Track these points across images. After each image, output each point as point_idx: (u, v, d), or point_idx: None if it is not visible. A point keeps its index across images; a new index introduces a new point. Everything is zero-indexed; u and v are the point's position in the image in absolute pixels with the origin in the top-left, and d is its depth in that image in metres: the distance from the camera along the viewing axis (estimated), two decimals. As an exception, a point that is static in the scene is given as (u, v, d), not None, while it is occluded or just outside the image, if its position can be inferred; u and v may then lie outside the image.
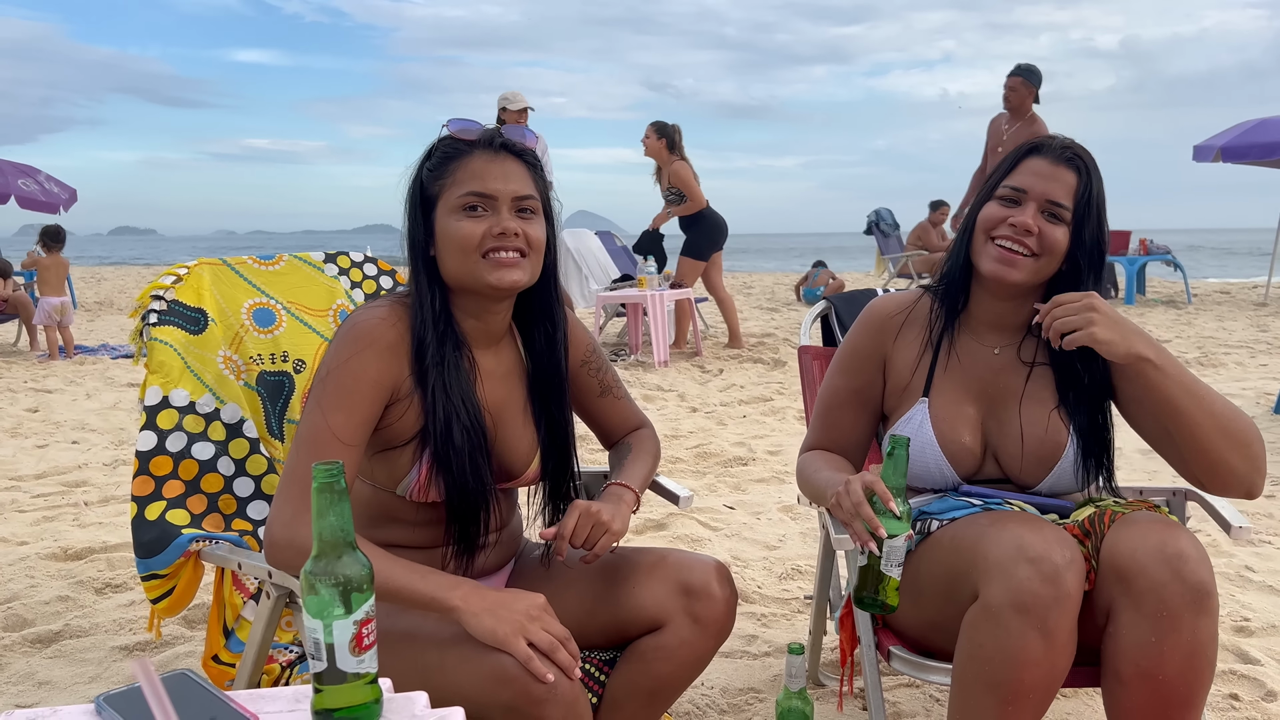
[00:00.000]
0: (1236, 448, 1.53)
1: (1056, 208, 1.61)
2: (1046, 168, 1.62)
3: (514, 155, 1.49)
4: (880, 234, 12.84)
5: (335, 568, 0.96)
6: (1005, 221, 1.62)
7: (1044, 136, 1.68)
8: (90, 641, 2.51)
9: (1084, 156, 1.64)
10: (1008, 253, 1.62)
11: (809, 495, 1.81)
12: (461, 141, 1.48)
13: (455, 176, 1.46)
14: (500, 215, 1.45)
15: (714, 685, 2.26)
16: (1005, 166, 1.68)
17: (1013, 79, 6.71)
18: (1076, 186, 1.62)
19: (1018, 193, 1.63)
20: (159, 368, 1.79)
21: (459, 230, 1.44)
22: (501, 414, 1.56)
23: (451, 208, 1.46)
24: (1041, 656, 1.39)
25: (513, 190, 1.46)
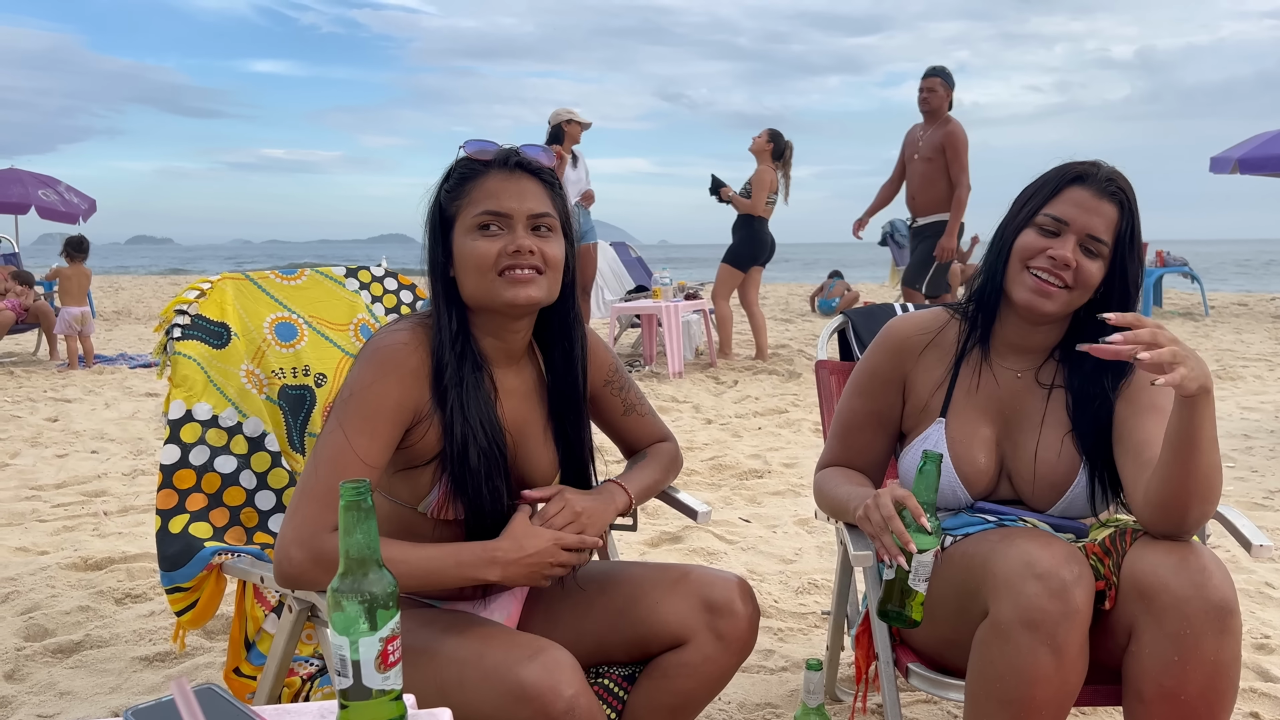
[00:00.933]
0: (1204, 503, 1.47)
1: (1095, 243, 1.59)
2: (1089, 200, 1.59)
3: (530, 174, 1.50)
4: (895, 245, 12.80)
5: (362, 585, 0.97)
6: (1044, 253, 1.59)
7: (1089, 164, 1.62)
8: (111, 652, 2.53)
9: (1126, 189, 1.61)
10: (1043, 284, 1.59)
11: (828, 510, 1.81)
12: (478, 162, 1.49)
13: (471, 196, 1.47)
14: (515, 233, 1.45)
15: (731, 700, 2.26)
16: (1046, 192, 1.63)
17: (930, 79, 6.32)
18: (1118, 221, 1.60)
19: (1058, 224, 1.60)
20: (182, 381, 1.81)
21: (474, 249, 1.45)
22: (522, 432, 1.57)
23: (468, 227, 1.47)
24: (1052, 673, 1.39)
25: (528, 208, 1.47)
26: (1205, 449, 1.45)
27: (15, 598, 2.89)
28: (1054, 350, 1.72)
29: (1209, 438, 1.46)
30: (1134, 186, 1.64)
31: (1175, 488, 1.47)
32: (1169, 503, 1.48)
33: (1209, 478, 1.47)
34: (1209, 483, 1.47)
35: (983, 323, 1.73)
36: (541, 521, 1.50)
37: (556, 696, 1.28)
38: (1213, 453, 1.47)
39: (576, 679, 1.32)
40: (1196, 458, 1.45)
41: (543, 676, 1.29)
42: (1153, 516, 1.51)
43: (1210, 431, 1.46)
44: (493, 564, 1.42)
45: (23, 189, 12.58)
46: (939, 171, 6.19)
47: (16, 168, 13.16)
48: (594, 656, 1.59)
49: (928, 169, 6.25)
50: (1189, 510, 1.47)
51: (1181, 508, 1.47)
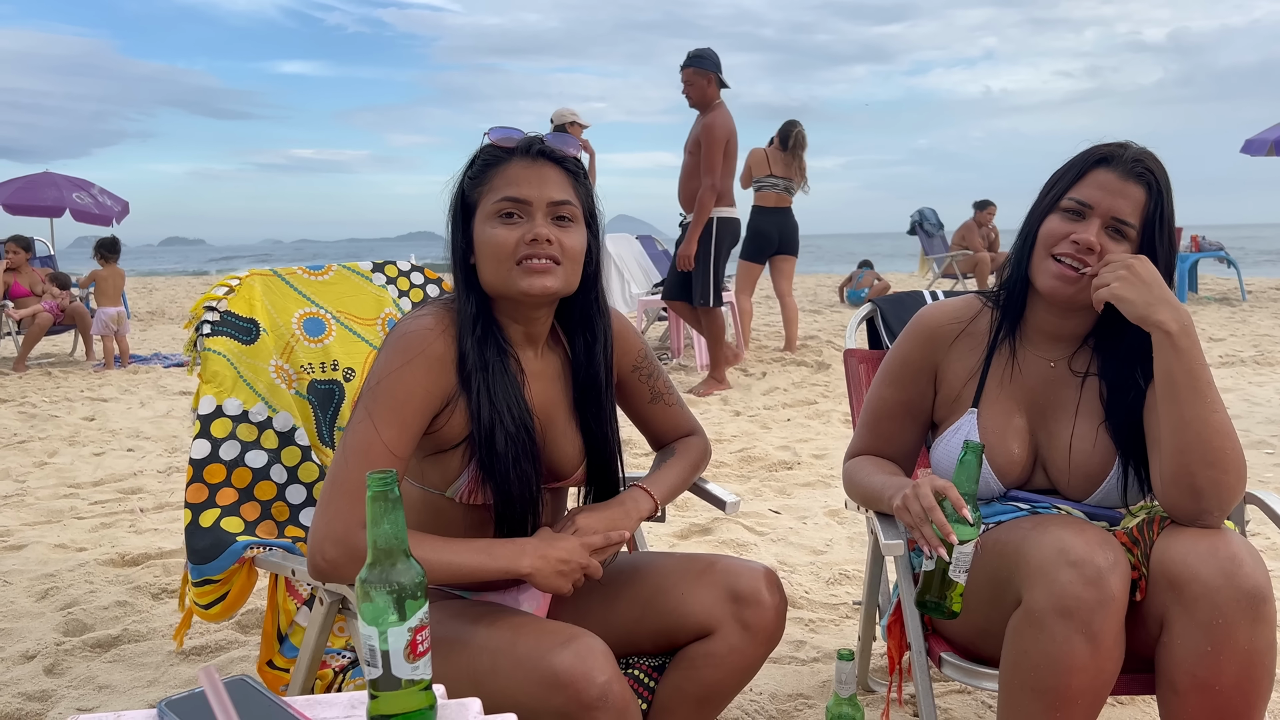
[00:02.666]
0: (1209, 466, 1.45)
1: (1122, 225, 1.55)
2: (1114, 182, 1.56)
3: (554, 162, 1.49)
4: (924, 234, 12.72)
5: (390, 575, 0.98)
6: (1067, 238, 1.57)
7: (1115, 145, 1.59)
8: (148, 646, 2.57)
9: (1154, 170, 1.56)
10: (1066, 269, 1.57)
11: (859, 499, 1.79)
12: (501, 149, 1.49)
13: (493, 184, 1.47)
14: (534, 222, 1.45)
15: (762, 691, 2.26)
16: (1071, 175, 1.60)
17: (685, 71, 5.75)
18: (1145, 203, 1.56)
19: (1082, 206, 1.57)
20: (212, 377, 1.83)
21: (493, 237, 1.45)
22: (549, 415, 1.56)
23: (488, 215, 1.47)
24: (1088, 661, 1.37)
25: (548, 196, 1.46)
26: (1187, 400, 1.46)
27: (55, 594, 2.94)
28: (1087, 338, 1.69)
29: (1189, 387, 1.46)
30: (1167, 170, 1.60)
31: (1174, 450, 1.46)
32: (1177, 474, 1.47)
33: (1207, 439, 1.45)
34: (1209, 444, 1.45)
35: (1013, 311, 1.71)
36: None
37: (589, 683, 1.28)
38: (1200, 407, 1.46)
39: (609, 666, 1.32)
40: (1181, 409, 1.46)
41: (575, 664, 1.29)
42: (1168, 495, 1.50)
43: (1182, 377, 1.46)
44: (524, 555, 1.42)
45: (57, 192, 12.77)
46: (699, 166, 5.71)
47: (51, 171, 13.37)
48: (623, 647, 1.59)
49: (690, 162, 5.81)
50: (1195, 477, 1.45)
51: (1188, 475, 1.45)
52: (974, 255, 11.76)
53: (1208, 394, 1.47)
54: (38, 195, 12.72)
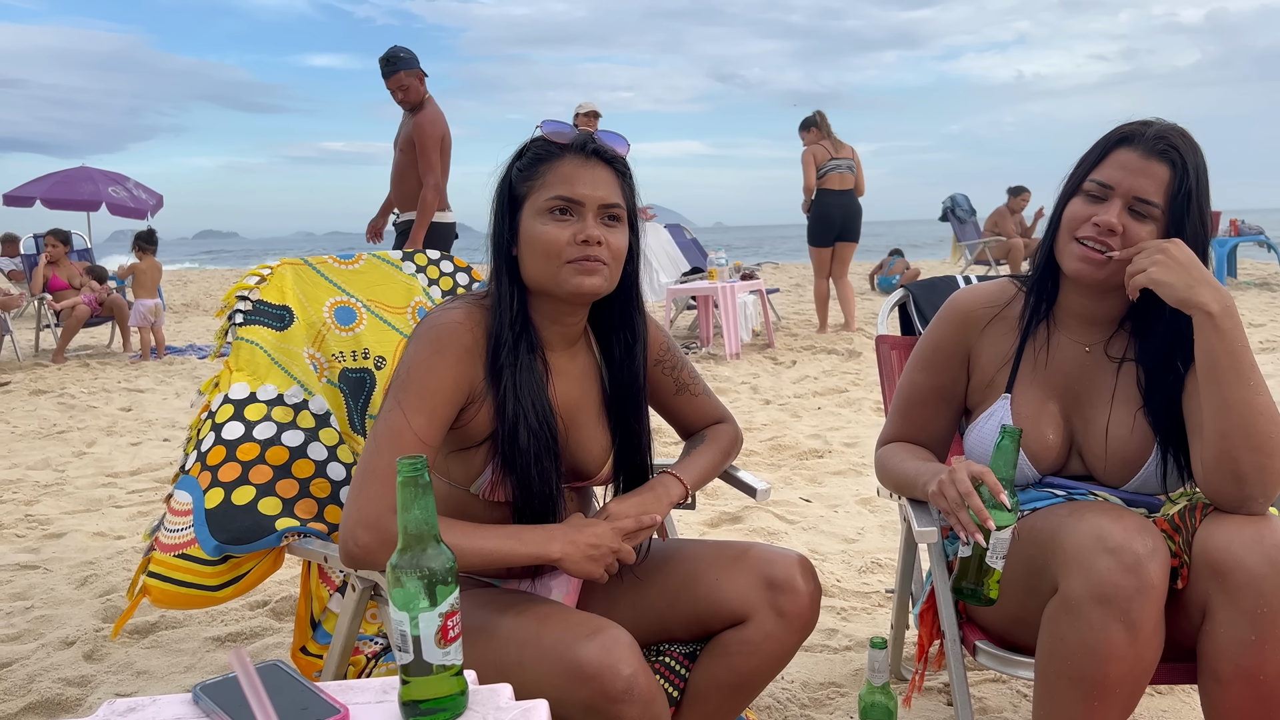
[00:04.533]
0: (1253, 450, 1.42)
1: (1145, 205, 1.52)
2: (1136, 161, 1.52)
3: (605, 162, 1.48)
4: (956, 220, 12.59)
5: (420, 560, 0.98)
6: (1089, 220, 1.54)
7: (1138, 124, 1.55)
8: (185, 632, 2.60)
9: (1179, 146, 1.52)
10: (1091, 252, 1.54)
11: (892, 486, 1.78)
12: (554, 144, 1.48)
13: (545, 179, 1.46)
14: (586, 222, 1.44)
15: (794, 679, 2.25)
16: (1093, 157, 1.58)
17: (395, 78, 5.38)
18: (1170, 181, 1.51)
19: (1103, 188, 1.54)
20: (245, 365, 1.84)
21: (544, 234, 1.44)
22: (575, 415, 1.56)
23: (538, 210, 1.46)
24: (1126, 649, 1.35)
25: (601, 197, 1.45)
26: (1230, 382, 1.43)
27: (94, 581, 2.98)
28: (1124, 321, 1.66)
29: (1231, 369, 1.43)
30: (1206, 155, 1.56)
31: (1216, 434, 1.43)
32: (1220, 459, 1.44)
33: (1250, 422, 1.42)
34: (1253, 427, 1.42)
35: (1047, 295, 1.68)
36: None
37: (615, 675, 1.28)
38: (1244, 389, 1.43)
39: (635, 658, 1.31)
40: (1223, 392, 1.43)
41: (601, 655, 1.29)
42: (1210, 481, 1.47)
43: (1224, 359, 1.44)
44: (553, 540, 1.42)
45: (94, 186, 12.96)
46: (412, 165, 5.47)
47: (87, 166, 13.56)
48: (655, 634, 1.59)
49: (403, 161, 5.54)
50: (1239, 462, 1.42)
51: (1231, 460, 1.42)
52: (1007, 241, 11.63)
53: (1251, 376, 1.44)
54: (75, 190, 12.92)
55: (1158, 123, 1.55)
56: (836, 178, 7.75)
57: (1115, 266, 1.54)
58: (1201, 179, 1.53)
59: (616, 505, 1.52)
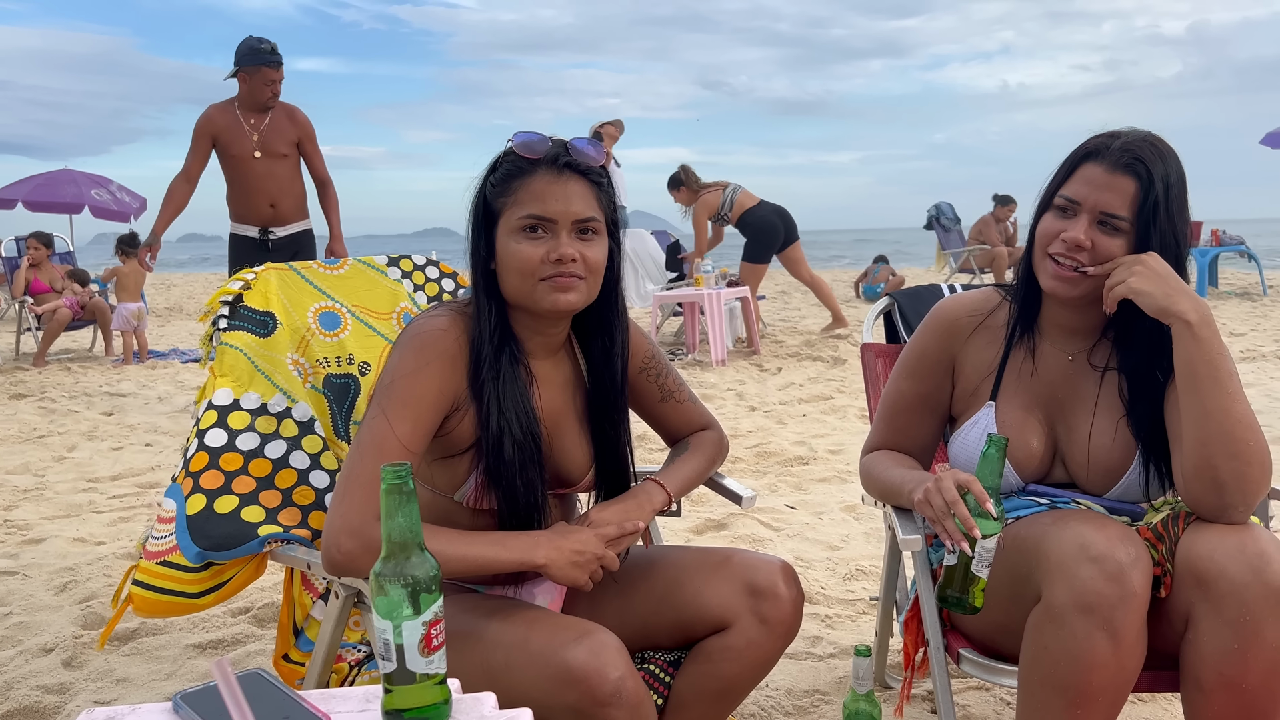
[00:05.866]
0: (1232, 458, 1.43)
1: (1112, 219, 1.52)
2: (1101, 175, 1.52)
3: (579, 174, 1.46)
4: (941, 228, 12.66)
5: (404, 569, 0.97)
6: (1059, 236, 1.55)
7: (1105, 137, 1.56)
8: (165, 639, 2.58)
9: (1145, 158, 1.51)
10: (1062, 269, 1.55)
11: (877, 494, 1.78)
12: (525, 159, 1.46)
13: (516, 196, 1.45)
14: (559, 239, 1.43)
15: (779, 687, 2.25)
16: (1062, 172, 1.59)
17: (280, 71, 4.92)
18: (1136, 193, 1.51)
19: (1071, 204, 1.55)
20: (229, 371, 1.83)
21: (517, 253, 1.44)
22: (558, 423, 1.56)
23: (512, 228, 1.45)
24: (1109, 658, 1.36)
25: (574, 212, 1.44)
26: (1209, 391, 1.44)
27: (73, 587, 2.95)
28: (1106, 330, 1.67)
29: (1210, 377, 1.44)
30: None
31: (1196, 442, 1.45)
32: (1200, 467, 1.45)
33: (1229, 429, 1.43)
34: (1231, 435, 1.43)
35: (1029, 306, 1.69)
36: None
37: (603, 679, 1.28)
38: (1222, 398, 1.44)
39: (623, 661, 1.31)
40: (1203, 400, 1.45)
41: (589, 659, 1.29)
42: (1190, 489, 1.47)
43: (1202, 367, 1.45)
44: (538, 546, 1.42)
45: (76, 189, 12.88)
46: (299, 167, 5.08)
47: (70, 169, 13.48)
48: (638, 641, 1.58)
49: (289, 164, 5.02)
50: (1218, 470, 1.43)
51: (1210, 468, 1.43)
52: (991, 250, 11.70)
53: (1229, 385, 1.45)
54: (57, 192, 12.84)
55: (1125, 134, 1.55)
56: (746, 195, 7.77)
57: (1091, 281, 1.55)
58: (1172, 189, 1.52)
59: (599, 512, 1.52)
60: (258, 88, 4.83)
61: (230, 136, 4.84)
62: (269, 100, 4.86)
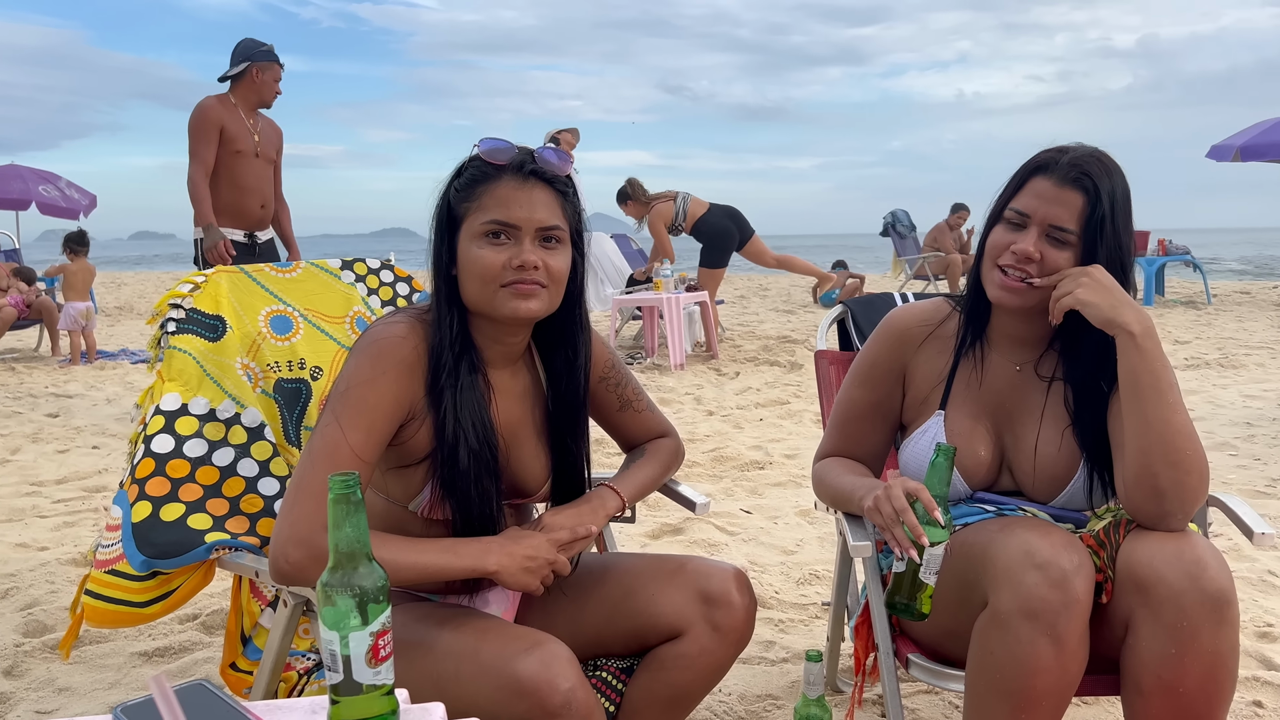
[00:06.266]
0: (1171, 467, 1.46)
1: (1061, 232, 1.55)
2: (1051, 189, 1.55)
3: (544, 182, 1.46)
4: (897, 235, 12.80)
5: (352, 579, 0.96)
6: (1009, 248, 1.58)
7: (1054, 151, 1.59)
8: (110, 647, 2.53)
9: (1092, 173, 1.54)
10: (1011, 280, 1.58)
11: (828, 500, 1.80)
12: (490, 165, 1.45)
13: (481, 201, 1.44)
14: (522, 246, 1.43)
15: (731, 692, 2.26)
16: (1012, 185, 1.62)
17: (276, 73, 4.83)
18: (1084, 207, 1.55)
19: (1021, 217, 1.58)
20: (177, 375, 1.80)
21: (479, 258, 1.43)
22: (515, 434, 1.55)
23: (474, 233, 1.44)
24: (1052, 663, 1.38)
25: (538, 220, 1.43)
26: (1150, 400, 1.48)
27: (15, 594, 2.89)
28: (1053, 341, 1.70)
29: (1152, 387, 1.48)
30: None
31: (1137, 450, 1.48)
32: (1140, 475, 1.48)
33: (1169, 439, 1.47)
34: (1171, 444, 1.47)
35: (978, 316, 1.72)
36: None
37: (553, 690, 1.27)
38: (1163, 408, 1.48)
39: (573, 672, 1.31)
40: (1144, 409, 1.48)
41: (539, 670, 1.28)
42: (1131, 497, 1.51)
43: (1145, 377, 1.48)
44: (489, 553, 1.41)
45: (23, 185, 12.59)
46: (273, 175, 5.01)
47: (17, 164, 13.17)
48: (591, 649, 1.58)
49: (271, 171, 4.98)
50: (1158, 478, 1.46)
51: (1150, 476, 1.47)
52: (945, 257, 11.85)
53: (1169, 395, 1.49)
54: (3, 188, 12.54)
55: (1074, 149, 1.58)
56: (696, 203, 7.83)
57: (1038, 292, 1.58)
58: (1118, 203, 1.56)
59: (552, 517, 1.52)
60: (268, 85, 4.79)
61: (234, 131, 4.72)
62: (272, 99, 4.82)
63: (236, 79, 4.77)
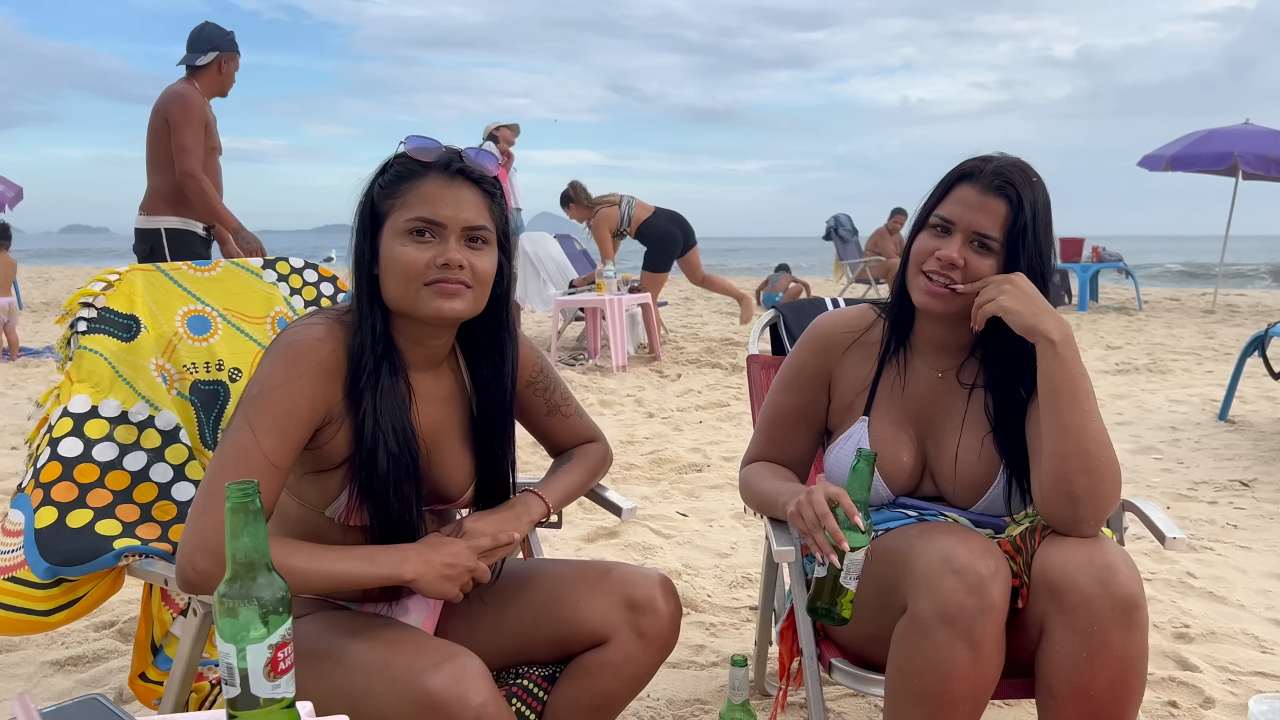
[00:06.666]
0: (1086, 474, 1.49)
1: (985, 239, 1.58)
2: (975, 197, 1.58)
3: (471, 181, 1.43)
4: (839, 239, 12.95)
5: (250, 590, 0.94)
6: (933, 254, 1.60)
7: (978, 160, 1.62)
8: (21, 656, 2.44)
9: (1015, 183, 1.57)
10: (935, 286, 1.60)
11: (754, 505, 1.80)
12: (417, 162, 1.43)
13: (406, 199, 1.41)
14: (447, 245, 1.40)
15: (660, 697, 2.25)
16: (938, 192, 1.64)
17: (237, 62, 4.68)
18: (1007, 216, 1.57)
19: (946, 223, 1.60)
20: (88, 376, 1.74)
21: (403, 256, 1.40)
22: (438, 439, 1.53)
23: (398, 231, 1.41)
24: (969, 667, 1.40)
25: (464, 219, 1.41)
26: (1067, 407, 1.51)
27: (-78, 600, 2.78)
28: (975, 349, 1.72)
29: (1069, 394, 1.51)
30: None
31: (1053, 456, 1.50)
32: (1056, 481, 1.50)
33: (1084, 446, 1.49)
34: (1086, 451, 1.49)
35: (902, 323, 1.73)
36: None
37: (463, 705, 1.25)
38: (1079, 415, 1.50)
39: (485, 686, 1.29)
40: (1061, 416, 1.50)
41: (449, 685, 1.26)
42: (1046, 503, 1.53)
43: (1064, 385, 1.51)
44: (406, 560, 1.39)
45: (-54, 176, 12.17)
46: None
47: (-60, 154, 12.74)
48: (515, 656, 1.57)
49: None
50: (1073, 485, 1.49)
51: (1065, 483, 1.49)
52: (886, 261, 12.01)
53: (1086, 403, 1.52)
54: (-75, 178, 12.12)
55: (997, 159, 1.62)
56: (641, 207, 7.86)
57: (962, 299, 1.60)
58: (1039, 213, 1.59)
59: (474, 523, 1.50)
60: (230, 75, 4.65)
61: (210, 124, 4.54)
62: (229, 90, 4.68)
63: (202, 69, 4.59)
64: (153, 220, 4.55)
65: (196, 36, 4.63)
